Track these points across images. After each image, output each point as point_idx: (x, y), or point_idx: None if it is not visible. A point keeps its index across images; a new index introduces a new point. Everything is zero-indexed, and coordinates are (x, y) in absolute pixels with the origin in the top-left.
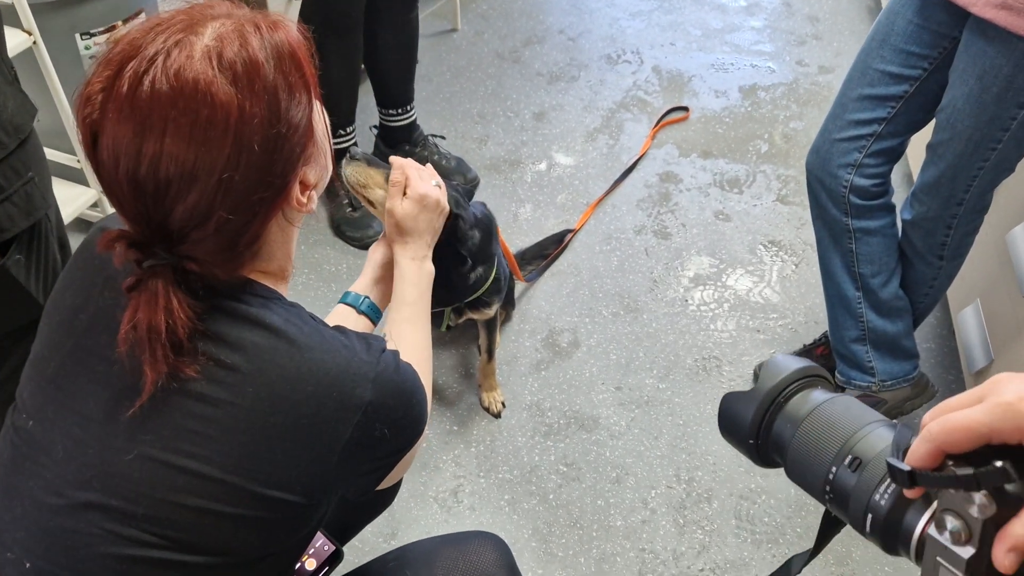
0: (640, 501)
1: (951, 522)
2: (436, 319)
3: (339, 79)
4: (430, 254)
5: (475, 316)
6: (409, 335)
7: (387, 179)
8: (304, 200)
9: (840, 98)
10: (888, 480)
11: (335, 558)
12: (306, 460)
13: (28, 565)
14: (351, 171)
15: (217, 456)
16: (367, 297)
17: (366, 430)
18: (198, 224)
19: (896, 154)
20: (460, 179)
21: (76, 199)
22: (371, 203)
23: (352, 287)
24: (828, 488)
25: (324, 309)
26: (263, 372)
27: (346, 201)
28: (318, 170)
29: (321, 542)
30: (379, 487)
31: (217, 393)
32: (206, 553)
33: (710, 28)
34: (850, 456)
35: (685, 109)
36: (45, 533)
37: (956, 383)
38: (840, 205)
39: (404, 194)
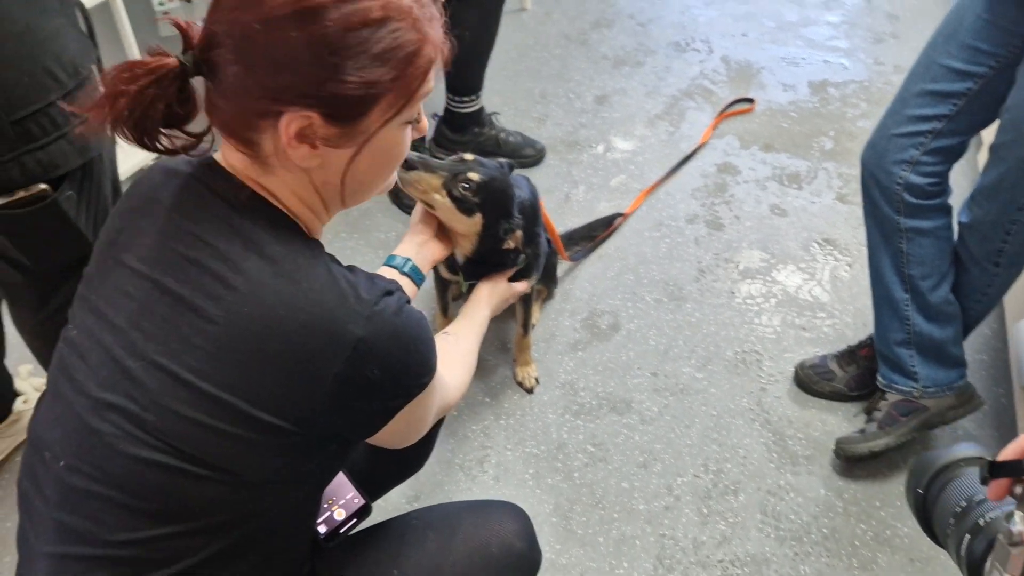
0: (665, 487)
1: None
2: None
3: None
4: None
5: None
6: (470, 338)
7: (445, 179)
8: (289, 148)
9: (901, 93)
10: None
11: (363, 512)
12: (296, 388)
13: (62, 463)
14: (413, 178)
15: (213, 372)
16: (410, 260)
17: (357, 367)
18: (220, 43)
19: (956, 153)
20: (530, 150)
21: (131, 157)
22: (430, 205)
23: (396, 250)
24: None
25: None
26: (260, 295)
27: None
28: (331, 144)
29: (352, 495)
30: (395, 443)
31: (216, 311)
32: (209, 468)
33: (785, 21)
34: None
35: (751, 101)
36: (76, 432)
37: (1006, 398)
38: (893, 203)
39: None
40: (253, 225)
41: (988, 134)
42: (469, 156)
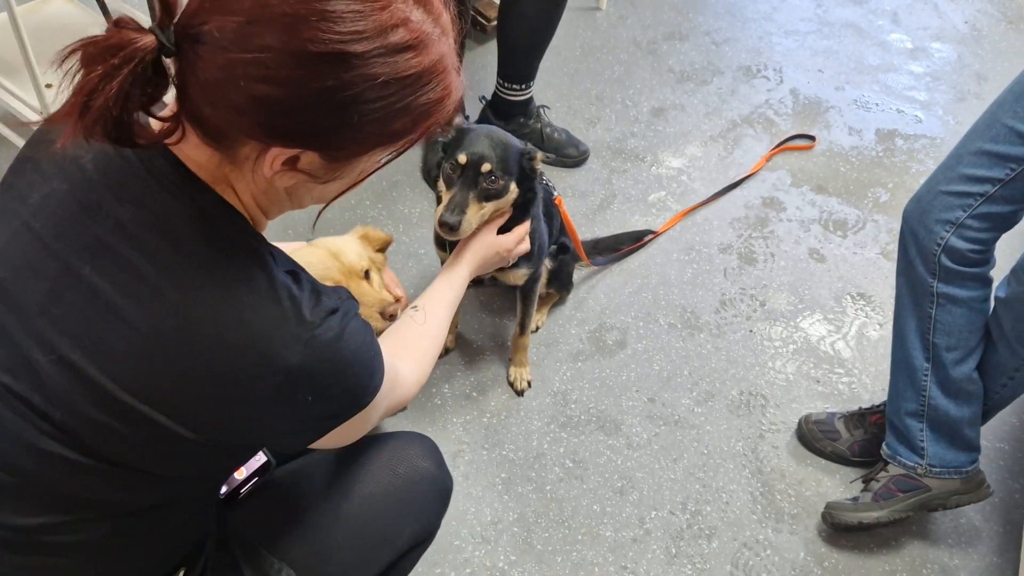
0: (637, 518)
1: None
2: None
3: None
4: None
5: (500, 277)
6: (439, 314)
7: (478, 194)
8: (269, 170)
9: (958, 148)
10: None
11: (264, 469)
12: (217, 405)
13: None
14: (464, 228)
15: (131, 380)
16: None
17: (286, 392)
18: (216, 44)
19: (1006, 223)
20: (573, 150)
21: None
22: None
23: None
24: None
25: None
26: (188, 307)
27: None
28: (314, 175)
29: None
30: (331, 447)
31: (139, 316)
32: (115, 464)
33: (865, 63)
34: None
35: (811, 138)
36: None
37: (1020, 495)
38: (928, 264)
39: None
40: (192, 223)
41: None
42: (460, 119)
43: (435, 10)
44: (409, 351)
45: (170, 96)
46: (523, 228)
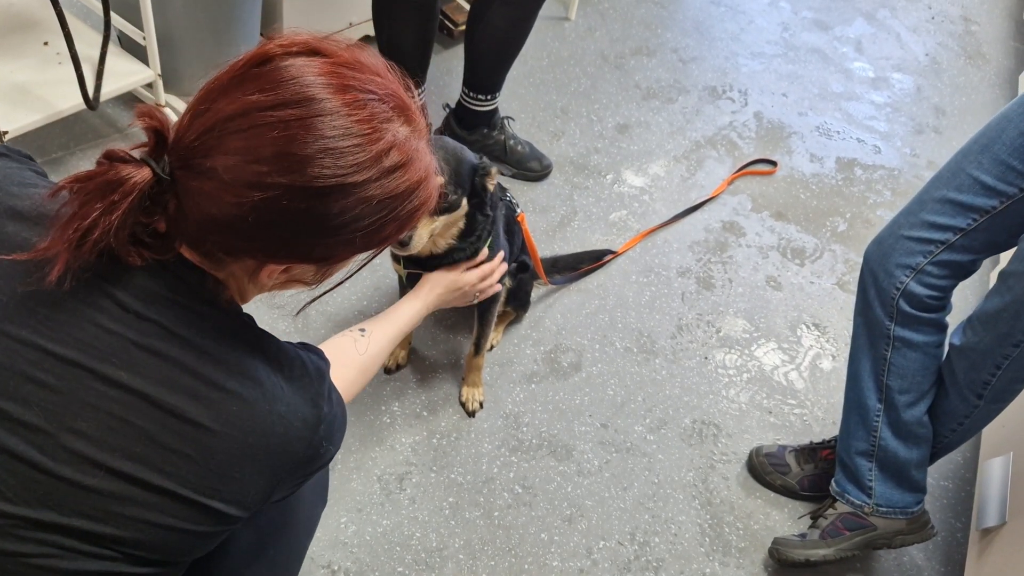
0: (585, 548)
1: None
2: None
3: (410, 37)
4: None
5: None
6: (381, 343)
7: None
8: (267, 279)
9: (922, 194)
10: None
11: None
12: (264, 478)
13: None
14: (415, 244)
15: (196, 478)
16: None
17: (316, 447)
18: (221, 181)
19: (965, 271)
20: (536, 164)
21: (134, 74)
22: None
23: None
24: None
25: None
26: (245, 390)
27: None
28: (305, 280)
29: None
30: None
31: (205, 415)
32: (158, 564)
33: (828, 90)
34: None
35: (773, 163)
36: None
37: (962, 534)
38: (887, 307)
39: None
40: (214, 310)
41: (1004, 257)
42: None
43: (415, 120)
44: (342, 371)
45: None
46: (488, 266)
